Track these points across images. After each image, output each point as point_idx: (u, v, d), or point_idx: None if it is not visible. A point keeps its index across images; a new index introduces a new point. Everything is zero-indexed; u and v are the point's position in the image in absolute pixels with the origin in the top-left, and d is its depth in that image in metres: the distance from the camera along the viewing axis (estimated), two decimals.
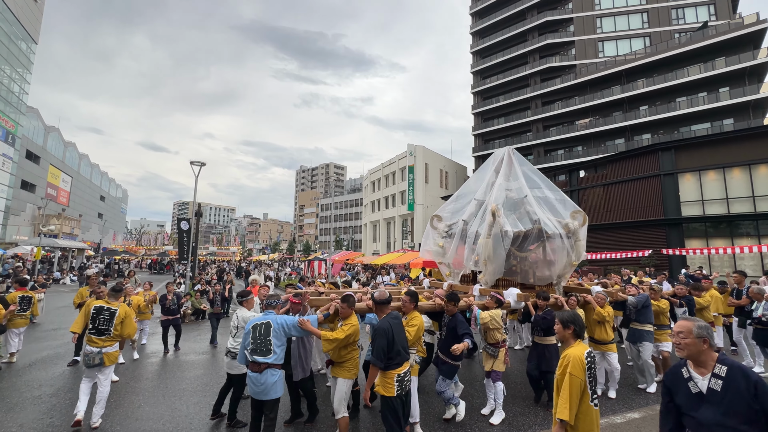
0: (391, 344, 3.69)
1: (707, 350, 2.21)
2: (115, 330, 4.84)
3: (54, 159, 52.51)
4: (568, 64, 39.75)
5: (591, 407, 2.70)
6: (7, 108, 39.55)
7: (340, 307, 4.23)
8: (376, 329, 3.79)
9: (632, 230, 22.54)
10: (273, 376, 3.85)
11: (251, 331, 3.94)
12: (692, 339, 2.24)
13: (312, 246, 73.80)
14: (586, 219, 6.21)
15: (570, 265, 6.09)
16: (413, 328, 4.32)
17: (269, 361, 3.82)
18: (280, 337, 3.94)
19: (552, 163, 37.01)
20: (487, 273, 6.10)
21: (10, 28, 39.32)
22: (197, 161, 14.57)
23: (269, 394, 3.84)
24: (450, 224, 7.32)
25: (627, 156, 23.74)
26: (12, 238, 39.91)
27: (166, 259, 39.32)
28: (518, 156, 7.07)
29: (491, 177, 7.02)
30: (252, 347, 3.87)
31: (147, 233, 62.40)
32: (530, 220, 6.20)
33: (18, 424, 4.67)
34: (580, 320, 3.02)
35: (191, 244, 16.22)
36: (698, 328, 2.25)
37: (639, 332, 6.05)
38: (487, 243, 5.91)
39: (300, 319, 4.04)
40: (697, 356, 2.24)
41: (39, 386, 5.98)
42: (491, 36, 46.78)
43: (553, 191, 6.66)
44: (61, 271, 26.13)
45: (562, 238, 5.91)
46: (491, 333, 4.99)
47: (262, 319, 4.02)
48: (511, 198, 6.67)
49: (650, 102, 33.69)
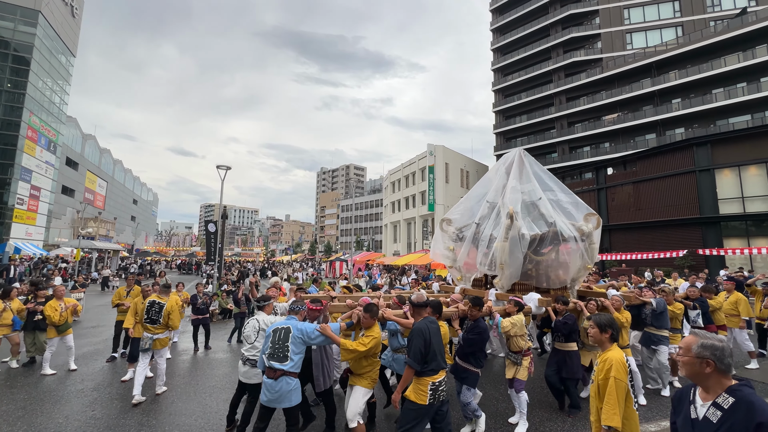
0: (428, 346, 3.53)
1: (712, 374, 1.86)
2: (163, 320, 5.76)
3: (91, 165, 55.54)
4: (594, 58, 38.41)
5: (634, 411, 2.65)
6: (49, 118, 42.18)
7: (362, 316, 4.06)
8: (413, 330, 3.65)
9: (665, 229, 21.55)
10: (288, 384, 3.71)
11: (271, 334, 3.85)
12: (690, 358, 1.90)
13: (333, 247, 74.68)
14: (600, 222, 6.21)
15: (584, 268, 6.08)
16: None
17: (285, 368, 3.69)
18: (298, 345, 3.80)
19: (577, 161, 35.90)
20: (504, 277, 5.99)
21: (51, 44, 41.93)
22: (223, 165, 15.09)
23: (283, 402, 3.70)
24: (460, 227, 7.20)
25: (659, 152, 22.72)
26: (54, 240, 42.52)
27: (194, 259, 40.79)
28: (529, 157, 6.97)
29: (502, 179, 6.90)
30: (269, 352, 3.76)
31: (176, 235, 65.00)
32: (546, 222, 6.10)
33: (64, 415, 4.99)
34: (617, 324, 2.96)
35: (218, 245, 16.76)
36: (701, 347, 1.88)
37: (656, 337, 5.97)
38: (504, 246, 5.81)
39: (321, 325, 3.95)
40: (697, 378, 1.92)
41: (81, 381, 6.35)
42: (512, 32, 45.86)
43: (566, 194, 6.63)
44: (98, 272, 27.59)
45: (576, 241, 5.87)
46: (514, 340, 4.82)
47: (283, 324, 3.92)
48: (524, 200, 6.56)
49: (684, 95, 32.07)
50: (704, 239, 19.65)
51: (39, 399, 5.52)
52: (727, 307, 7.32)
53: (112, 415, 5.00)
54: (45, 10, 39.49)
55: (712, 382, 1.88)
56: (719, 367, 1.84)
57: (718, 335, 1.94)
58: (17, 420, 4.82)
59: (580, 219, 6.24)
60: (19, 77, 37.80)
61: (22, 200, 37.76)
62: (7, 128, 36.88)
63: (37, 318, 7.15)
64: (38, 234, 40.57)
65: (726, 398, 1.81)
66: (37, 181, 40.06)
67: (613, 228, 24.58)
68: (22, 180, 37.42)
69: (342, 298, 6.02)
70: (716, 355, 1.84)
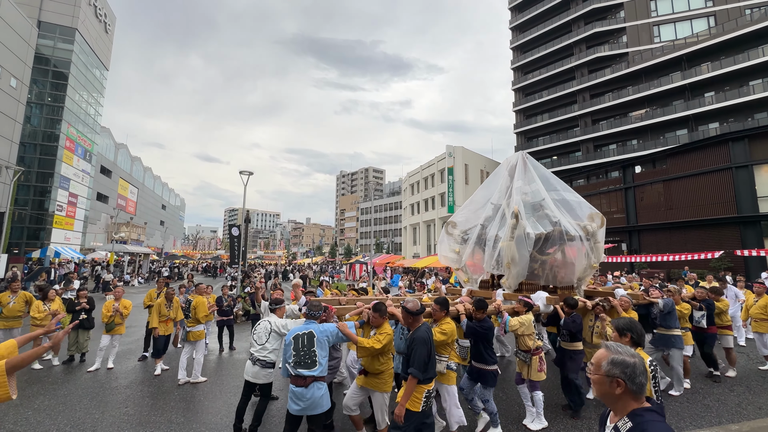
0: (430, 354, 3.52)
1: (622, 396, 1.62)
2: (192, 314, 6.62)
3: (123, 173, 58.31)
4: (619, 53, 37.11)
5: None
6: (85, 129, 44.63)
7: (371, 315, 4.09)
8: (415, 338, 3.57)
9: (699, 229, 20.50)
10: (320, 389, 3.65)
11: (292, 342, 3.75)
12: (600, 376, 1.65)
13: (353, 249, 75.15)
14: (604, 221, 6.26)
15: (590, 267, 6.12)
16: (443, 335, 4.08)
17: (315, 373, 3.62)
18: (324, 348, 3.77)
19: (603, 159, 34.72)
20: (511, 276, 6.00)
21: (87, 59, 44.43)
22: (246, 171, 15.45)
23: (317, 409, 3.61)
24: (465, 230, 7.28)
25: (691, 148, 21.67)
26: (90, 244, 44.82)
27: (218, 262, 42.02)
28: (532, 160, 7.07)
29: (506, 181, 7.01)
30: (295, 360, 3.65)
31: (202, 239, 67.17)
32: (550, 222, 6.13)
33: (100, 411, 5.25)
34: (638, 327, 2.84)
35: (241, 248, 17.22)
36: (611, 363, 1.63)
37: (666, 337, 5.94)
38: (510, 245, 5.84)
39: (339, 323, 4.00)
40: (606, 398, 1.68)
41: (116, 378, 6.67)
42: (532, 29, 44.98)
43: (570, 193, 6.72)
44: (131, 274, 28.88)
45: (581, 240, 5.94)
46: (522, 339, 4.83)
47: (303, 329, 3.83)
48: (528, 201, 6.62)
49: (717, 88, 30.49)
50: (743, 239, 18.57)
51: (78, 395, 5.84)
52: (756, 311, 7.05)
53: (144, 412, 5.23)
54: (81, 28, 41.90)
55: (620, 404, 1.65)
56: (630, 387, 1.60)
57: (629, 349, 1.69)
58: (58, 414, 5.12)
59: (585, 218, 6.29)
60: (58, 91, 40.21)
61: (61, 207, 40.06)
62: (48, 139, 39.29)
63: (82, 317, 7.58)
64: (76, 239, 42.88)
65: (625, 422, 1.61)
66: (74, 189, 42.42)
67: (642, 228, 23.60)
68: (61, 188, 39.71)
69: (352, 301, 6.12)
70: (627, 373, 1.60)
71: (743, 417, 5.09)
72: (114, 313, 7.32)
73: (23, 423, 4.84)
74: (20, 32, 31.12)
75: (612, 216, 25.44)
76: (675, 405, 5.48)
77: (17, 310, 7.41)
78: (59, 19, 40.33)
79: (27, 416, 5.04)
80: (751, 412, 5.26)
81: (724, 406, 5.47)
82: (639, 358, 1.67)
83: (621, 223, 24.63)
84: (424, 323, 3.75)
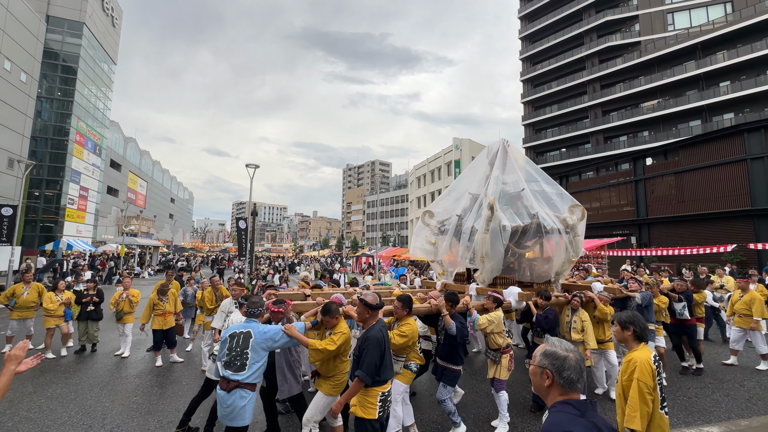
0: (383, 357, 3.18)
1: (550, 389, 1.60)
2: (198, 304, 7.39)
3: (132, 166, 58.94)
4: (631, 42, 36.19)
5: (662, 415, 2.52)
6: (94, 123, 45.09)
7: (323, 320, 3.76)
8: (368, 338, 3.20)
9: (711, 223, 20.10)
10: (242, 398, 3.22)
11: (228, 340, 3.39)
12: (534, 366, 1.66)
13: (359, 242, 75.36)
14: (585, 213, 6.01)
15: (569, 261, 5.87)
16: (403, 338, 3.81)
17: (239, 378, 3.23)
18: (259, 352, 3.34)
19: (613, 151, 34.09)
20: (485, 271, 5.74)
21: (95, 53, 44.70)
22: (252, 164, 15.60)
23: (235, 420, 3.21)
24: (443, 220, 6.97)
25: (705, 139, 21.14)
26: (101, 237, 45.59)
27: (227, 255, 42.46)
28: (514, 148, 6.77)
29: (486, 170, 6.65)
30: (226, 360, 3.31)
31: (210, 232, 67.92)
32: (528, 214, 5.88)
33: (110, 400, 5.37)
34: (641, 321, 2.76)
35: (248, 241, 17.36)
36: (543, 355, 1.63)
37: None
38: (485, 239, 5.54)
39: (286, 325, 3.59)
40: (538, 391, 1.67)
41: (126, 368, 6.81)
42: (541, 18, 44.03)
43: (551, 185, 6.45)
44: (141, 266, 29.33)
45: (560, 234, 5.68)
46: (492, 337, 4.63)
47: (242, 328, 3.44)
48: (507, 192, 6.34)
49: (733, 77, 29.61)
50: (757, 233, 18.15)
51: (89, 384, 5.97)
52: (740, 306, 6.97)
53: (152, 401, 5.32)
54: (89, 22, 42.09)
55: (549, 397, 1.62)
56: (557, 380, 1.58)
57: (569, 344, 1.67)
58: (70, 402, 5.24)
59: (565, 211, 6.01)
60: (68, 86, 40.59)
61: (73, 200, 40.72)
62: (59, 134, 39.80)
63: (90, 309, 7.72)
64: (87, 232, 43.64)
65: (546, 416, 1.62)
66: (85, 183, 43.04)
67: (652, 222, 23.22)
68: (72, 181, 40.32)
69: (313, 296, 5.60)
70: (555, 365, 1.58)
71: (753, 413, 5.02)
72: (122, 301, 7.43)
73: (36, 410, 4.97)
74: (29, 27, 31.37)
75: (621, 209, 25.06)
76: (683, 399, 5.42)
77: (30, 301, 7.59)
78: (67, 13, 40.53)
79: (40, 404, 5.16)
80: (761, 407, 5.18)
81: (734, 401, 5.40)
82: (575, 353, 1.62)
83: (630, 216, 24.26)
84: (379, 320, 3.42)
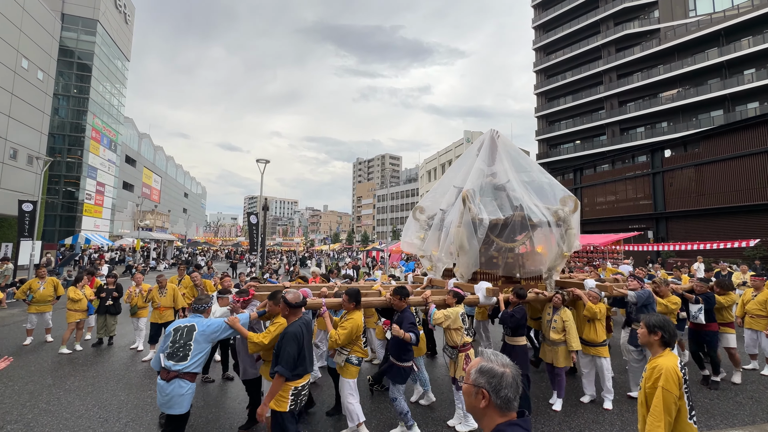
0: (301, 350, 3.32)
1: (487, 411, 1.43)
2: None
3: (147, 162, 60.02)
4: (650, 29, 34.97)
5: (690, 425, 2.38)
6: (109, 119, 45.96)
7: (267, 305, 3.85)
8: (286, 334, 3.35)
9: (733, 216, 19.44)
10: (181, 387, 3.42)
11: (172, 333, 3.60)
12: (468, 385, 1.48)
13: (370, 236, 75.52)
14: (578, 205, 5.53)
15: (561, 256, 5.42)
16: (344, 331, 3.96)
17: (180, 368, 3.43)
18: (202, 344, 3.59)
19: (630, 143, 33.20)
20: (462, 265, 5.53)
21: (108, 50, 45.38)
22: (262, 159, 15.68)
23: (173, 408, 3.40)
24: (431, 215, 6.81)
25: (727, 130, 20.37)
26: (118, 231, 46.71)
27: (239, 249, 43.03)
28: (504, 138, 6.43)
29: (473, 162, 6.32)
30: (169, 351, 3.50)
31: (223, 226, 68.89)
32: (511, 206, 5.52)
33: (125, 393, 5.46)
34: (670, 326, 2.58)
35: (260, 235, 17.51)
36: (478, 371, 1.45)
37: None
38: (459, 232, 5.31)
39: (229, 318, 3.79)
40: (472, 412, 1.51)
41: (140, 362, 6.92)
42: (556, 6, 42.88)
43: (543, 175, 6.04)
44: (156, 259, 29.92)
45: (550, 226, 5.26)
46: (449, 334, 4.48)
47: (186, 322, 3.70)
48: (492, 183, 6.00)
49: (758, 64, 28.37)
50: None
51: (105, 377, 6.09)
52: (753, 306, 6.44)
53: None
54: (102, 19, 42.68)
55: (486, 420, 1.45)
56: (494, 400, 1.41)
57: (505, 358, 1.50)
58: (87, 395, 5.35)
59: (557, 202, 5.64)
60: (83, 83, 41.37)
61: (90, 195, 41.72)
62: (75, 130, 40.69)
63: (108, 303, 7.86)
64: (104, 226, 44.75)
65: None
66: (101, 178, 44.02)
67: (670, 216, 22.58)
68: (89, 177, 41.28)
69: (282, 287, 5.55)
70: (492, 384, 1.41)
71: None
72: (136, 295, 7.52)
73: (55, 403, 5.08)
74: (45, 26, 31.94)
75: (638, 202, 24.43)
76: (705, 402, 5.24)
77: (47, 295, 7.78)
78: (81, 11, 41.16)
79: (59, 396, 5.29)
80: None
81: (759, 404, 5.19)
82: (511, 368, 1.45)
83: (647, 210, 23.64)
84: (301, 317, 3.55)
